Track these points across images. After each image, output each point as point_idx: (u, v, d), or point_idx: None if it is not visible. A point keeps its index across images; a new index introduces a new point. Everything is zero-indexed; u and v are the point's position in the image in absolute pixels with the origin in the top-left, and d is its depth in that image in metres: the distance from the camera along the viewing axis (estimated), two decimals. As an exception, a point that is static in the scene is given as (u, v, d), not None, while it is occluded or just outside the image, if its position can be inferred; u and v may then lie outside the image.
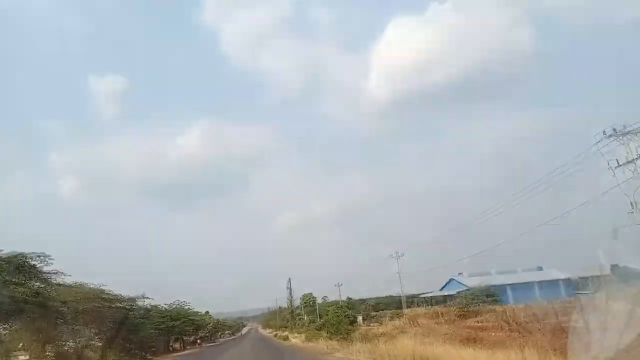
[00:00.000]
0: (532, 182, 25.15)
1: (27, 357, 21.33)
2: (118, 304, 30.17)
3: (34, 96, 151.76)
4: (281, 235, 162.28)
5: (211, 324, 79.76)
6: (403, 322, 38.92)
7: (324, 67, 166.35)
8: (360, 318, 49.38)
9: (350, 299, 74.06)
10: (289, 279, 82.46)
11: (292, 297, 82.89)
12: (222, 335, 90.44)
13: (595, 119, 74.32)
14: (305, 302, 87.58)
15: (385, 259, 54.56)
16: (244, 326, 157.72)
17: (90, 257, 78.95)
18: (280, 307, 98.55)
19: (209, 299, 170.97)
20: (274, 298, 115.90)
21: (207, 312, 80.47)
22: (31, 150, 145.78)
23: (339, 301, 75.46)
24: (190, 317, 56.14)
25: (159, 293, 64.00)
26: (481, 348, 13.76)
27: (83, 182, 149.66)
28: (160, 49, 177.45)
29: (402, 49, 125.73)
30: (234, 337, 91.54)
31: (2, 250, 20.05)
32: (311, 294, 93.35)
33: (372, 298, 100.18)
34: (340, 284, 75.31)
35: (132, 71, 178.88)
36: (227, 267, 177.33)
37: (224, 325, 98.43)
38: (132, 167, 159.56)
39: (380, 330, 32.65)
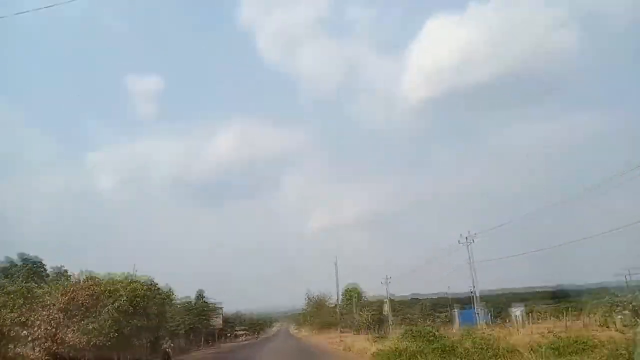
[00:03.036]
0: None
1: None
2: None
3: (74, 96, 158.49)
4: (312, 235, 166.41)
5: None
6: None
7: (359, 67, 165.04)
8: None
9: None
10: (335, 261, 61.58)
11: (338, 283, 70.05)
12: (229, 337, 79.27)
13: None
14: (348, 297, 76.34)
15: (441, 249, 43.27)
16: (272, 326, 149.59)
17: (123, 251, 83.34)
18: (320, 298, 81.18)
19: (237, 296, 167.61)
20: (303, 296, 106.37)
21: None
22: (70, 149, 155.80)
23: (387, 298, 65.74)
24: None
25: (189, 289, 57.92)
26: None
27: (119, 179, 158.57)
28: (196, 49, 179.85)
29: (439, 48, 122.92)
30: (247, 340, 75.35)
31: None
32: (356, 287, 78.84)
33: (421, 295, 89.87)
34: (388, 279, 65.04)
35: (168, 71, 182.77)
36: (256, 265, 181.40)
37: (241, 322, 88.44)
38: (166, 166, 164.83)
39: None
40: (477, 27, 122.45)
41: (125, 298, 19.71)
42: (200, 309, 49.25)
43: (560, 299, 55.39)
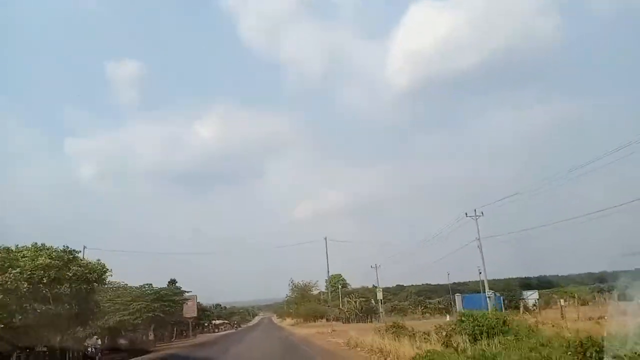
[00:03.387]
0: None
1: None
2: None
3: (53, 82, 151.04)
4: (297, 224, 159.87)
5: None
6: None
7: (343, 53, 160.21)
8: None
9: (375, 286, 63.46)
10: (325, 239, 53.96)
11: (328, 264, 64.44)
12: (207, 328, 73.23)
13: (623, 110, 67.16)
14: (333, 285, 74.10)
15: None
16: (254, 316, 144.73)
17: (106, 242, 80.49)
18: (306, 284, 77.00)
19: (221, 287, 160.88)
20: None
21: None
22: (50, 135, 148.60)
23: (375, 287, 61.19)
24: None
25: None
26: None
27: (100, 167, 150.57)
28: (178, 34, 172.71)
29: (423, 34, 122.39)
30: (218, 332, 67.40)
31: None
32: (340, 275, 79.37)
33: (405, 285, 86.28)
34: (378, 265, 60.25)
35: (149, 56, 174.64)
36: (240, 256, 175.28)
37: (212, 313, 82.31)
38: (148, 153, 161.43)
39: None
40: (460, 13, 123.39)
41: (17, 271, 13.20)
42: (167, 297, 42.90)
43: (543, 288, 55.75)
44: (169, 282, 54.04)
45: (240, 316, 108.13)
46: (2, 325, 12.61)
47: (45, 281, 14.45)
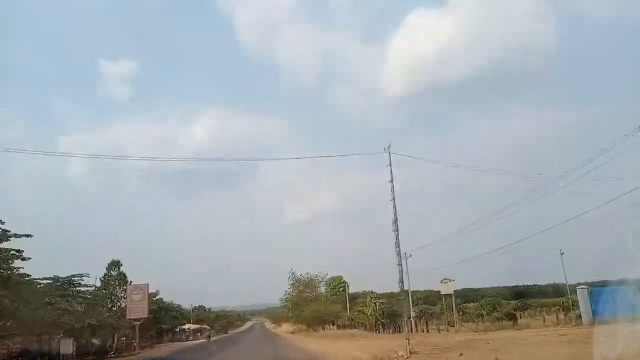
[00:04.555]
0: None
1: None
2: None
3: (45, 76, 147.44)
4: (289, 227, 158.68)
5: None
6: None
7: (339, 57, 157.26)
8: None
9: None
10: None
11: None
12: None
13: (619, 119, 67.90)
14: (332, 288, 64.45)
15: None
16: (246, 321, 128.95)
17: (95, 243, 79.92)
18: (312, 278, 57.33)
19: (212, 291, 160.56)
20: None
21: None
22: (41, 131, 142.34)
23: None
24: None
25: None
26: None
27: (91, 165, 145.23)
28: (172, 33, 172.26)
29: (419, 41, 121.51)
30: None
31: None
32: (341, 277, 66.17)
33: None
34: (408, 255, 43.65)
35: (143, 56, 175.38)
36: (234, 259, 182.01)
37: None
38: (140, 152, 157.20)
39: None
40: (457, 21, 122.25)
41: None
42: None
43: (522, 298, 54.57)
44: (108, 265, 37.12)
45: (228, 321, 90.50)
46: None
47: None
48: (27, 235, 21.30)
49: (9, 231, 20.59)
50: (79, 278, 27.66)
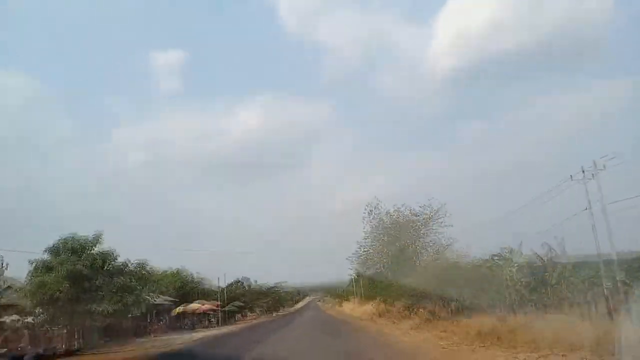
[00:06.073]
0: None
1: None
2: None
3: (97, 72, 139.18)
4: (341, 212, 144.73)
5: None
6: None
7: (384, 37, 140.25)
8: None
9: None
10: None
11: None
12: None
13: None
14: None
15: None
16: (299, 300, 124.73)
17: (153, 232, 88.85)
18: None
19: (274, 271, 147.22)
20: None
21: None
22: (95, 126, 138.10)
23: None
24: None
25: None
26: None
27: (142, 156, 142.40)
28: (218, 22, 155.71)
29: (467, 16, 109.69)
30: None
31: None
32: None
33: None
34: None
35: (190, 46, 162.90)
36: (288, 241, 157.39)
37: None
38: (192, 142, 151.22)
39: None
40: None
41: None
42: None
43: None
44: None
45: (271, 299, 71.44)
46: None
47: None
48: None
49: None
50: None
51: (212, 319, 43.08)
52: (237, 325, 42.18)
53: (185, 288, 42.39)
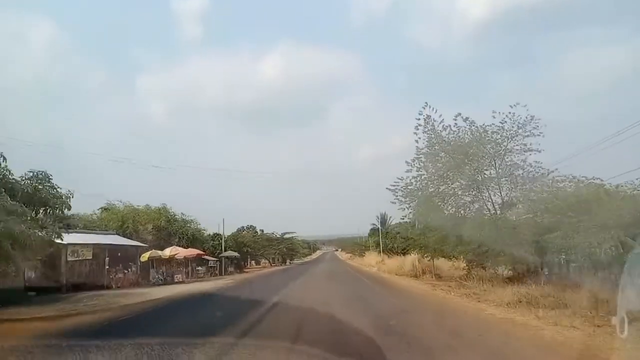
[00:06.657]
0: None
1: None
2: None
3: (118, 21, 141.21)
4: (364, 165, 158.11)
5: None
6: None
7: None
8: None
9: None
10: None
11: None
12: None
13: None
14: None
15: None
16: (314, 250, 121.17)
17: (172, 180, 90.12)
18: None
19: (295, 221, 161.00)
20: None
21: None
22: (118, 75, 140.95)
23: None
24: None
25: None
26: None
27: (169, 105, 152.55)
28: None
29: None
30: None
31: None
32: None
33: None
34: None
35: None
36: (309, 193, 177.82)
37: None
38: (214, 90, 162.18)
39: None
40: None
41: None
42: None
43: None
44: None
45: (285, 246, 63.84)
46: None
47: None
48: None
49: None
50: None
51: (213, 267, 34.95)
52: (234, 278, 33.67)
53: (172, 228, 33.84)
